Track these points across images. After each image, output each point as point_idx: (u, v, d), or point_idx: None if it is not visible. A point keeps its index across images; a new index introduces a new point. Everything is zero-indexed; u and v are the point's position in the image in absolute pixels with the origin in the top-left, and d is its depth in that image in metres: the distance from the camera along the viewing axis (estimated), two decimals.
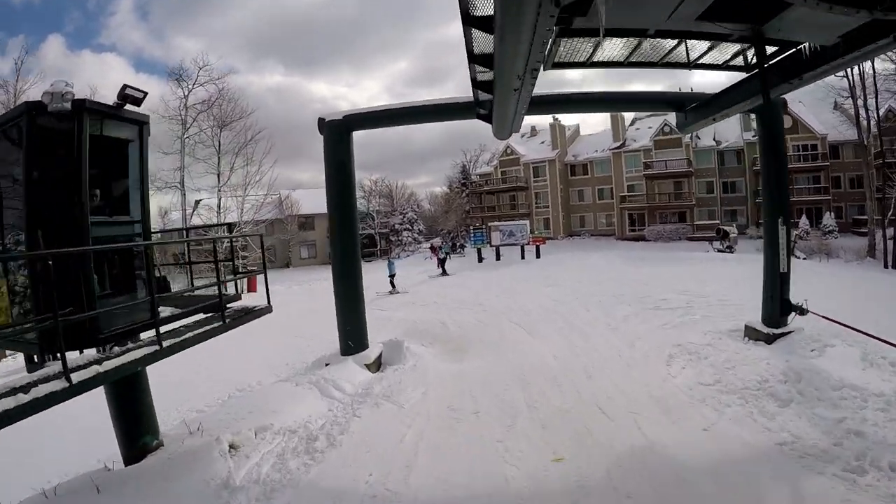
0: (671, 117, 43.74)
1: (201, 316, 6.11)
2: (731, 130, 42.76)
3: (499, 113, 6.71)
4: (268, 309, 6.89)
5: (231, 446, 5.99)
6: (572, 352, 10.00)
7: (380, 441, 6.40)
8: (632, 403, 7.01)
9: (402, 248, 44.97)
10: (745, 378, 7.34)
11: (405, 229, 46.54)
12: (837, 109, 42.25)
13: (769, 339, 8.77)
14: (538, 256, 28.64)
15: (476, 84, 6.35)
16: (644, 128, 44.87)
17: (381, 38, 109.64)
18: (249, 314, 6.52)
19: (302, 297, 22.87)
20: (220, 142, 30.64)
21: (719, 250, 29.82)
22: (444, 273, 24.68)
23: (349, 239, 10.08)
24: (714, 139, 41.98)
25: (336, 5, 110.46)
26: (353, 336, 9.88)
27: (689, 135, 40.68)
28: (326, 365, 9.66)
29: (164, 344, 4.91)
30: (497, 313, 14.05)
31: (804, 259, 25.64)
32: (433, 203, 59.71)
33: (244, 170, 30.78)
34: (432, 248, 41.32)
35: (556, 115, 42.59)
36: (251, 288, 29.24)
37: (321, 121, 9.93)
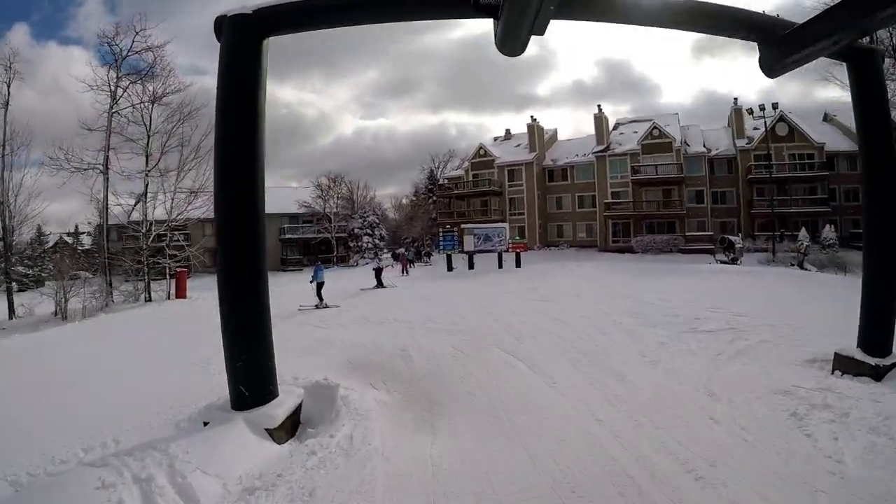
0: (662, 119, 41.30)
1: None
2: (722, 138, 40.25)
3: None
4: None
5: None
6: (620, 409, 6.06)
7: None
8: None
9: (361, 254, 40.71)
10: None
11: (365, 234, 42.23)
12: (827, 121, 40.23)
13: (877, 373, 6.24)
14: (518, 265, 24.86)
15: None
16: (629, 132, 41.94)
17: (354, 44, 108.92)
18: None
19: None
20: (150, 118, 25.92)
21: (723, 262, 26.67)
22: (380, 285, 20.25)
23: (250, 224, 5.91)
24: (704, 146, 39.30)
25: None
26: (249, 377, 5.70)
27: (681, 140, 37.89)
28: (205, 424, 5.59)
29: None
30: (480, 337, 10.09)
31: (817, 272, 22.57)
32: (399, 210, 55.76)
33: (179, 151, 25.91)
34: (395, 257, 37.39)
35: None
36: (180, 293, 24.74)
37: (220, 20, 5.81)
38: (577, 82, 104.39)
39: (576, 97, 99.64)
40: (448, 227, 30.73)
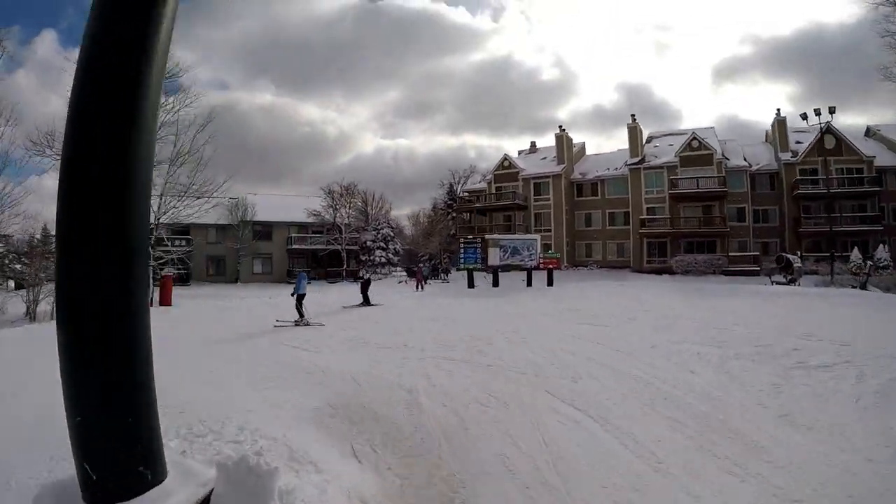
0: (700, 132, 38.51)
1: None
2: (762, 153, 37.11)
3: None
4: None
5: None
6: None
7: None
8: None
9: (374, 269, 37.91)
10: None
11: (378, 247, 39.43)
12: (870, 136, 36.88)
13: None
14: (550, 283, 21.88)
15: None
16: (664, 145, 39.03)
17: (376, 65, 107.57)
18: None
19: (226, 317, 15.52)
20: None
21: (780, 283, 23.50)
22: (367, 302, 16.87)
23: (118, 206, 2.98)
24: (744, 159, 36.16)
25: (335, 28, 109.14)
26: (100, 446, 2.86)
27: (721, 152, 34.88)
28: None
29: None
30: (517, 373, 7.22)
31: (882, 294, 19.28)
32: (416, 225, 53.14)
33: (173, 142, 23.16)
34: (410, 272, 34.78)
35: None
36: (164, 301, 22.16)
37: None
38: (597, 107, 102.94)
39: (596, 122, 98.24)
40: (470, 238, 27.61)
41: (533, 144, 46.73)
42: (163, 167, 22.44)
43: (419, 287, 26.77)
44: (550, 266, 22.91)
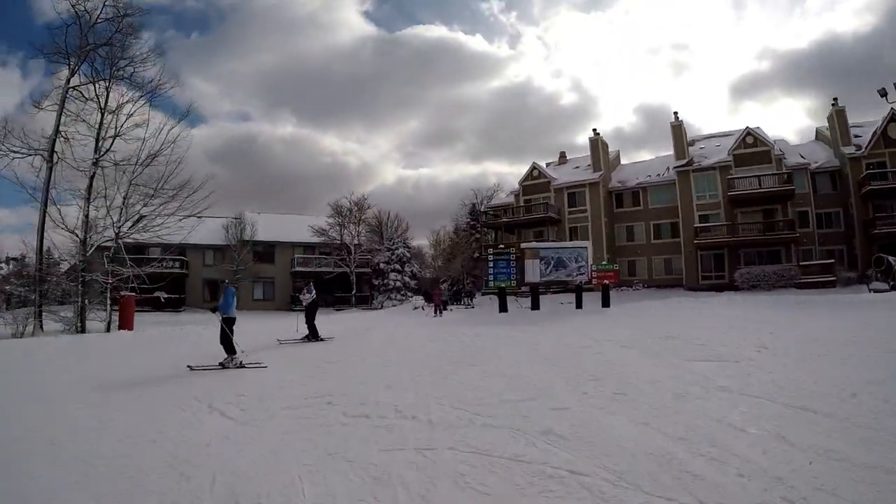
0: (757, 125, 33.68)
1: None
2: (816, 151, 32.38)
3: None
4: None
5: None
6: None
7: None
8: None
9: (388, 294, 33.60)
10: None
11: (393, 270, 35.03)
12: None
13: None
14: (606, 304, 17.33)
15: None
16: (710, 146, 34.56)
17: (395, 95, 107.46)
18: None
19: (167, 349, 11.19)
20: (108, 89, 20.04)
21: (879, 290, 18.86)
22: (314, 336, 11.85)
23: None
24: (801, 156, 31.48)
25: (356, 61, 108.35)
26: None
27: (779, 148, 30.31)
28: None
29: None
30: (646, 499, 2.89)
31: None
32: (436, 245, 49.01)
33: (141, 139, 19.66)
34: (427, 296, 30.65)
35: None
36: (123, 324, 18.41)
37: None
38: (616, 130, 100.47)
39: (616, 145, 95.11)
40: (501, 248, 22.53)
41: (563, 154, 42.50)
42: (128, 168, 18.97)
43: (437, 312, 22.46)
44: (606, 281, 18.31)
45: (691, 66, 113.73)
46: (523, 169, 41.05)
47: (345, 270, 34.97)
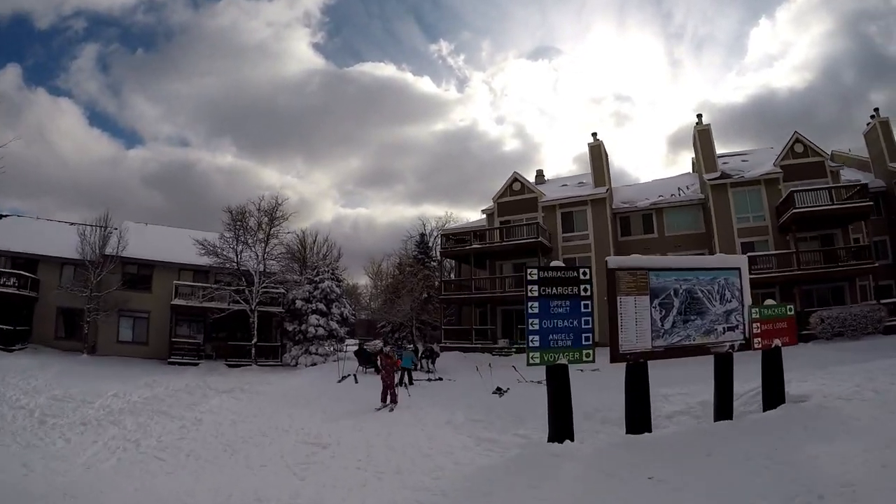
0: (762, 153, 26.71)
1: None
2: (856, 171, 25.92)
3: None
4: None
5: None
6: None
7: None
8: None
9: (306, 346, 22.90)
10: None
11: (314, 311, 24.03)
12: None
13: None
14: (778, 399, 7.49)
15: None
16: (735, 162, 27.52)
17: (339, 132, 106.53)
18: None
19: None
20: None
21: None
22: None
23: None
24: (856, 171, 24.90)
25: (302, 93, 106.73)
26: None
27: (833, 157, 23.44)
28: None
29: None
30: None
31: None
32: (376, 277, 39.23)
33: None
34: (363, 355, 21.43)
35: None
36: None
37: None
38: (557, 177, 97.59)
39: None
40: (551, 266, 8.08)
41: (540, 173, 34.61)
42: None
43: (389, 397, 13.06)
44: (777, 341, 8.28)
45: (632, 116, 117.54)
46: (463, 214, 32.45)
47: (242, 308, 23.94)
